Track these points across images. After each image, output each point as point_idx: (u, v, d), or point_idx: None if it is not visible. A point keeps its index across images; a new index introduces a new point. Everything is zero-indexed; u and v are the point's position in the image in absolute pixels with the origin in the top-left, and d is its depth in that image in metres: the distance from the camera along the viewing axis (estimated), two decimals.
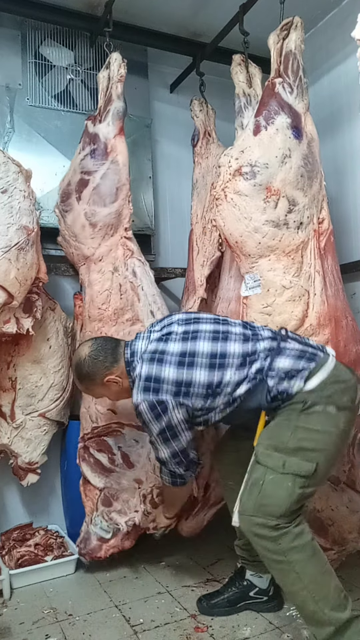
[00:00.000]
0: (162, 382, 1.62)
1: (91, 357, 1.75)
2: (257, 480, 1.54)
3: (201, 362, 1.64)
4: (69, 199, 2.26)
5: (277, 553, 1.47)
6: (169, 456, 1.69)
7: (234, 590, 1.88)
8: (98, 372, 1.75)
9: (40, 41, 2.55)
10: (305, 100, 2.04)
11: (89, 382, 1.80)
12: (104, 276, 2.19)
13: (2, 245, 1.99)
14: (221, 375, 1.63)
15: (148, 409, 1.62)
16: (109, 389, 1.80)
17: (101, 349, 1.76)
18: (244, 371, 1.63)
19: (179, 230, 2.81)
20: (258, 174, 1.91)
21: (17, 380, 2.29)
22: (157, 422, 1.62)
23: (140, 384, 1.65)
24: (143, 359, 1.69)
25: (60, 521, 2.53)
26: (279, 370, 1.60)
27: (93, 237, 2.22)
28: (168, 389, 1.62)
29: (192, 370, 1.63)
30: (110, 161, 2.20)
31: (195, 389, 1.62)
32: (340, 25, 2.56)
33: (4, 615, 1.90)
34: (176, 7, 2.53)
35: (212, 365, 1.64)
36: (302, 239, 1.96)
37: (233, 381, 1.63)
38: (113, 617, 1.86)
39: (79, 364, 1.78)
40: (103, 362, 1.74)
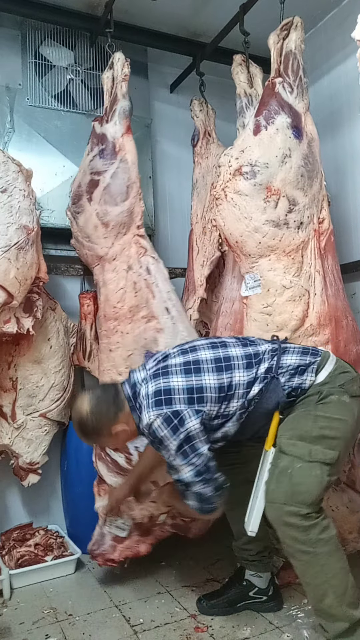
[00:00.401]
0: (173, 393, 1.57)
1: (93, 413, 1.61)
2: (284, 469, 1.52)
3: (207, 368, 1.62)
4: (80, 201, 2.24)
5: (306, 544, 1.47)
6: (192, 475, 1.55)
7: (234, 590, 1.88)
8: (104, 427, 1.62)
9: (40, 41, 2.55)
10: (305, 100, 2.04)
11: (95, 438, 1.68)
12: (119, 275, 2.16)
13: (1, 245, 1.99)
14: (230, 377, 1.61)
15: (163, 423, 1.53)
16: (117, 438, 1.67)
17: (102, 401, 1.64)
18: (252, 371, 1.62)
19: (179, 230, 2.82)
20: (258, 174, 1.91)
21: (17, 381, 2.29)
22: (175, 436, 1.52)
23: (150, 402, 1.57)
24: (147, 380, 1.63)
25: (60, 521, 2.53)
26: (288, 367, 1.62)
27: (106, 236, 2.19)
28: (181, 399, 1.56)
29: (201, 375, 1.60)
30: (120, 160, 2.18)
31: (208, 394, 1.58)
32: (340, 25, 2.56)
33: (4, 615, 1.90)
34: (176, 7, 2.53)
35: (219, 368, 1.62)
36: (302, 238, 1.96)
37: (243, 382, 1.61)
38: (113, 617, 1.86)
39: (81, 422, 1.64)
40: (107, 415, 1.62)
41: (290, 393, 1.61)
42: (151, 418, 1.55)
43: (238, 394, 1.60)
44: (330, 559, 1.48)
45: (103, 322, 2.18)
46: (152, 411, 1.55)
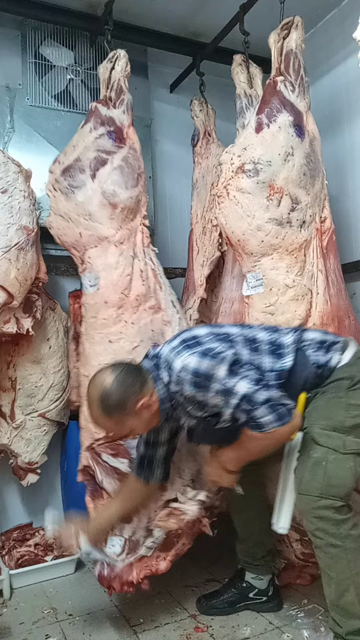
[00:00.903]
0: (200, 338, 1.54)
1: (119, 383, 1.51)
2: (318, 461, 1.49)
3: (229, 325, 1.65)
4: (80, 175, 2.10)
5: (336, 537, 1.45)
6: (252, 384, 1.45)
7: (233, 591, 1.88)
8: (130, 399, 1.51)
9: (40, 41, 2.55)
10: (306, 99, 2.04)
11: (119, 414, 1.52)
12: (126, 260, 2.07)
13: (2, 245, 1.99)
14: (252, 333, 1.61)
15: (200, 359, 1.46)
16: (140, 418, 1.55)
17: (127, 372, 1.54)
18: (273, 335, 1.61)
19: (179, 230, 2.81)
20: (261, 172, 1.90)
21: (17, 380, 2.29)
22: (217, 361, 1.46)
23: (178, 349, 1.52)
24: (167, 342, 1.63)
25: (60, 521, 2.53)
26: (313, 340, 1.61)
27: (112, 217, 2.09)
28: (210, 339, 1.53)
29: (223, 327, 1.62)
30: (129, 147, 2.15)
31: (234, 337, 1.57)
32: (340, 24, 2.56)
33: (4, 615, 1.90)
34: (176, 7, 2.53)
35: (239, 325, 1.64)
36: (305, 237, 1.96)
37: (267, 339, 1.59)
38: (113, 617, 1.86)
39: (104, 395, 1.50)
40: (132, 386, 1.52)
41: (317, 370, 1.58)
42: (184, 360, 1.47)
43: (264, 349, 1.57)
44: (358, 556, 1.46)
45: (101, 310, 2.03)
46: (185, 353, 1.49)
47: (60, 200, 2.12)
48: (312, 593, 1.91)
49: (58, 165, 2.15)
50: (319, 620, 1.76)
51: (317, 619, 1.77)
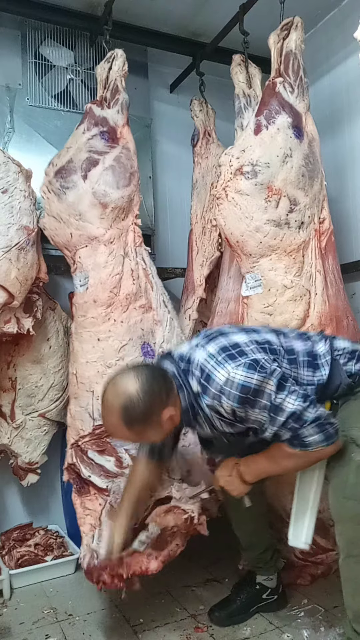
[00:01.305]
0: (242, 346, 1.40)
1: (145, 391, 1.36)
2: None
3: (265, 331, 1.54)
4: (71, 176, 2.12)
5: None
6: (301, 401, 1.36)
7: (245, 595, 1.84)
8: (156, 410, 1.38)
9: (40, 41, 2.55)
10: (305, 100, 2.04)
11: (142, 426, 1.40)
12: (116, 259, 2.08)
13: (2, 245, 1.99)
14: (289, 342, 1.52)
15: (248, 371, 1.33)
16: (161, 430, 1.43)
17: (153, 379, 1.39)
18: (309, 344, 1.53)
19: (179, 230, 2.81)
20: (259, 173, 1.90)
21: (17, 380, 2.29)
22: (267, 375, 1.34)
23: (220, 359, 1.37)
24: (200, 345, 1.45)
25: (60, 521, 2.53)
26: (344, 350, 1.54)
27: (103, 217, 2.10)
28: (254, 349, 1.40)
29: (262, 334, 1.50)
30: (122, 146, 2.15)
31: (276, 347, 1.47)
32: (340, 25, 2.56)
33: (4, 615, 1.90)
34: (176, 7, 2.53)
35: (274, 332, 1.55)
36: (303, 238, 1.96)
37: (303, 350, 1.50)
38: (113, 617, 1.86)
39: (129, 405, 1.35)
40: (160, 395, 1.38)
41: (349, 379, 1.50)
42: (230, 372, 1.34)
43: (301, 362, 1.48)
44: None
45: (90, 308, 2.04)
46: (228, 365, 1.35)
47: (53, 201, 2.13)
48: (312, 593, 1.92)
49: (52, 167, 2.17)
50: (318, 620, 1.76)
51: (317, 619, 1.77)
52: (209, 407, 1.41)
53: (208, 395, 1.38)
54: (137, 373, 1.40)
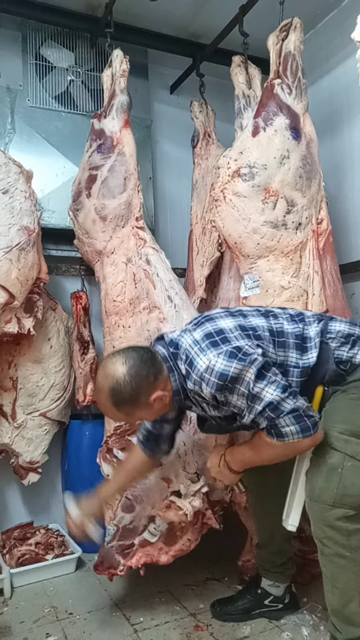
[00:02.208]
0: (226, 332, 1.42)
1: (132, 375, 1.40)
2: (334, 467, 1.40)
3: (252, 313, 1.51)
4: (80, 197, 2.24)
5: (345, 548, 1.39)
6: (279, 391, 1.35)
7: (249, 598, 1.82)
8: (143, 392, 1.43)
9: (41, 42, 2.56)
10: (304, 101, 2.05)
11: (130, 407, 1.45)
12: (117, 268, 2.13)
13: (3, 246, 2.00)
14: (279, 324, 1.50)
15: (228, 359, 1.35)
16: (152, 410, 1.48)
17: (140, 362, 1.43)
18: (299, 326, 1.50)
19: (179, 230, 2.82)
20: (257, 175, 1.91)
21: (18, 380, 2.30)
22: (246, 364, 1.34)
23: (203, 345, 1.40)
24: (188, 331, 1.49)
25: (60, 520, 2.53)
26: (338, 334, 1.50)
27: (104, 230, 2.17)
28: (237, 336, 1.41)
29: (248, 318, 1.49)
30: (117, 153, 2.18)
31: (262, 332, 1.45)
32: (339, 26, 2.56)
33: (4, 614, 1.90)
34: (176, 8, 2.54)
35: (264, 314, 1.52)
36: (300, 239, 1.97)
37: (292, 332, 1.49)
38: (113, 615, 1.86)
39: (116, 387, 1.41)
40: (147, 378, 1.42)
41: (339, 365, 1.47)
42: (211, 360, 1.36)
43: (290, 344, 1.47)
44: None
45: (105, 319, 2.15)
46: (210, 352, 1.37)
47: (74, 223, 2.32)
48: (312, 591, 1.92)
49: (72, 193, 2.34)
50: (318, 619, 1.76)
51: (317, 617, 1.77)
52: (191, 391, 1.46)
53: (190, 380, 1.42)
54: (125, 357, 1.44)
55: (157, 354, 1.49)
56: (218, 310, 1.56)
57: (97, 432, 2.43)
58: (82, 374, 2.42)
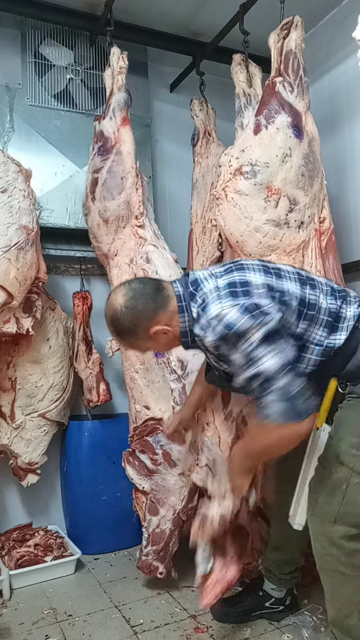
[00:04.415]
0: (251, 286, 1.34)
1: (128, 308, 1.40)
2: (339, 483, 1.34)
3: (289, 277, 1.41)
4: (87, 201, 2.28)
5: (346, 566, 1.34)
6: (279, 364, 1.26)
7: (249, 599, 1.79)
8: (141, 324, 1.41)
9: (40, 41, 2.55)
10: (305, 99, 2.04)
11: (131, 337, 1.46)
12: (121, 270, 2.14)
13: (1, 245, 1.99)
14: (315, 295, 1.40)
15: (243, 312, 1.27)
16: (156, 341, 1.46)
17: (139, 295, 1.41)
18: (337, 303, 1.40)
19: (179, 229, 2.81)
20: (259, 173, 1.90)
21: (17, 381, 2.29)
22: (259, 323, 1.26)
23: (222, 293, 1.33)
24: (215, 276, 1.41)
25: (60, 522, 2.53)
26: None
27: (107, 233, 2.19)
28: (262, 294, 1.33)
29: (282, 280, 1.39)
30: (115, 153, 2.18)
31: (290, 299, 1.36)
32: (340, 24, 2.55)
33: (3, 616, 1.89)
34: (176, 6, 2.53)
35: (303, 282, 1.41)
36: (303, 238, 1.96)
37: (326, 308, 1.39)
38: (113, 617, 1.85)
39: (114, 318, 1.43)
40: (144, 311, 1.41)
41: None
42: (224, 308, 1.29)
43: (320, 320, 1.38)
44: None
45: None
46: (226, 301, 1.31)
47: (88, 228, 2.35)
48: (312, 593, 1.91)
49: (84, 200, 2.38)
50: (319, 620, 1.75)
51: (317, 619, 1.76)
52: (197, 336, 1.38)
53: (198, 325, 1.36)
54: (126, 289, 1.44)
55: (165, 290, 1.45)
56: (254, 261, 1.47)
57: (96, 433, 2.42)
58: (92, 374, 2.41)
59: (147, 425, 2.06)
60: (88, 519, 2.39)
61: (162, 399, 2.00)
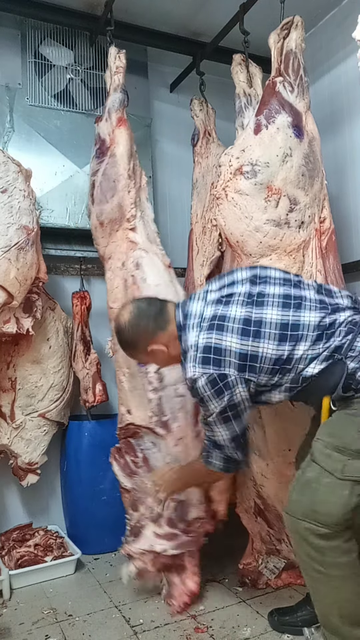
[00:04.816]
0: (224, 355, 1.43)
1: (131, 324, 1.55)
2: (310, 481, 1.39)
3: (269, 334, 1.43)
4: (88, 205, 2.27)
5: (319, 563, 1.35)
6: (227, 439, 1.49)
7: (309, 609, 1.65)
8: (140, 341, 1.56)
9: (40, 40, 2.55)
10: (306, 99, 2.04)
11: (131, 350, 1.61)
12: (114, 274, 2.14)
13: (2, 245, 1.99)
14: (292, 349, 1.42)
15: (207, 383, 1.42)
16: (154, 357, 1.60)
17: (143, 315, 1.55)
18: (319, 346, 1.42)
19: (179, 230, 2.81)
20: (259, 173, 1.90)
21: (17, 381, 2.29)
22: (219, 399, 1.43)
23: (198, 356, 1.44)
24: (201, 327, 1.48)
25: (59, 522, 2.53)
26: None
27: (103, 236, 2.18)
28: (231, 363, 1.42)
29: (259, 343, 1.43)
30: (109, 155, 2.17)
31: (262, 365, 1.43)
32: (340, 24, 2.56)
33: (3, 616, 1.89)
34: (176, 6, 2.53)
35: (283, 338, 1.43)
36: (303, 238, 1.96)
37: (306, 357, 1.42)
38: (113, 617, 1.85)
39: (119, 330, 1.58)
40: (145, 330, 1.54)
41: (351, 385, 1.38)
42: (196, 374, 1.44)
43: (296, 368, 1.43)
44: (345, 583, 1.36)
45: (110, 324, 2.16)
46: (198, 368, 1.44)
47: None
48: None
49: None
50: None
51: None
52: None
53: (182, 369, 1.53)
54: (133, 306, 1.59)
55: (167, 313, 1.57)
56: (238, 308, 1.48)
57: (96, 433, 2.42)
58: (88, 374, 2.41)
59: (128, 428, 2.05)
60: (88, 519, 2.39)
61: (142, 406, 1.99)
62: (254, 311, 1.46)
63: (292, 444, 1.88)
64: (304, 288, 1.52)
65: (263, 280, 1.53)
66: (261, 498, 1.97)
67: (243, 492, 2.04)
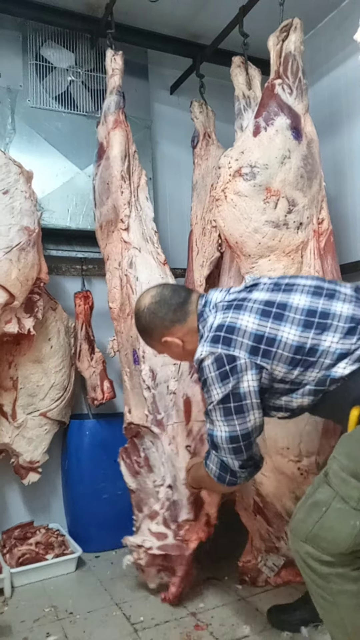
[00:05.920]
0: (236, 334, 1.29)
1: (150, 310, 1.47)
2: (319, 503, 1.23)
3: (293, 319, 1.29)
4: (93, 209, 2.31)
5: (325, 590, 1.22)
6: (225, 438, 1.32)
7: (307, 607, 1.60)
8: (156, 329, 1.48)
9: (41, 43, 2.57)
10: (304, 101, 2.05)
11: (146, 336, 1.55)
12: (112, 274, 2.17)
13: (3, 246, 2.01)
14: (318, 339, 1.26)
15: (213, 364, 1.29)
16: (168, 349, 1.52)
17: (164, 303, 1.46)
18: (352, 341, 1.25)
19: (179, 231, 2.83)
20: (258, 175, 1.91)
21: (18, 380, 2.30)
22: (222, 383, 1.28)
23: (209, 335, 1.33)
24: (217, 308, 1.40)
25: (61, 520, 2.54)
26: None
27: (102, 238, 2.23)
28: (243, 344, 1.28)
29: (279, 325, 1.28)
30: (104, 159, 2.20)
31: (279, 351, 1.27)
32: (339, 26, 2.57)
33: (5, 614, 1.91)
34: (176, 9, 2.54)
35: (308, 324, 1.27)
36: (301, 239, 1.97)
37: (334, 351, 1.25)
38: (113, 615, 1.86)
39: (137, 314, 1.51)
40: (162, 320, 1.45)
41: None
42: (202, 354, 1.32)
43: (322, 364, 1.26)
44: (354, 613, 1.20)
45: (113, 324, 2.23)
46: (206, 346, 1.32)
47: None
48: None
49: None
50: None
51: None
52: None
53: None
54: (156, 292, 1.51)
55: (190, 305, 1.47)
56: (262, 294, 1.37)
57: (97, 431, 2.44)
58: (95, 373, 2.43)
59: (130, 428, 2.07)
60: (89, 517, 2.40)
61: (140, 405, 2.00)
62: (280, 295, 1.34)
63: (291, 442, 1.89)
64: (338, 284, 1.39)
65: (292, 277, 1.44)
66: (260, 496, 1.98)
67: (242, 490, 2.05)
